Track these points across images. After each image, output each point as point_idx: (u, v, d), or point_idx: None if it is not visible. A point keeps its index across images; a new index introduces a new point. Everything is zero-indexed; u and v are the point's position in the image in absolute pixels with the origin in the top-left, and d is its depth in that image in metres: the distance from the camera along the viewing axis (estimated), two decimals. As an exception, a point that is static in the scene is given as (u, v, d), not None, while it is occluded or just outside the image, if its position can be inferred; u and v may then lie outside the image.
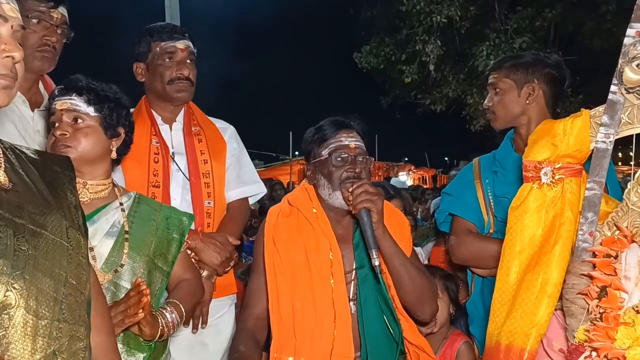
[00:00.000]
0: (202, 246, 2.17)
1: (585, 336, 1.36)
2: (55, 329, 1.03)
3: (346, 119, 2.02)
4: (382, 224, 1.84)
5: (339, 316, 1.81)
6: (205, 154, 2.35)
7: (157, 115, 2.37)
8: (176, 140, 2.36)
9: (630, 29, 1.49)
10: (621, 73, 1.47)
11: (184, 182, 2.31)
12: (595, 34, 10.50)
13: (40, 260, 1.04)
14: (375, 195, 1.82)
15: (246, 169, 2.52)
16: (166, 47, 2.29)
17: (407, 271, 1.87)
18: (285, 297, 1.86)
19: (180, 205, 2.23)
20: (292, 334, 1.83)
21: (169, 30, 2.32)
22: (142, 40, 2.34)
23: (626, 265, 1.38)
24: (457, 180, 2.45)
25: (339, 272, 1.86)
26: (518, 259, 1.54)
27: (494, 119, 2.27)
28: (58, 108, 1.79)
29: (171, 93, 2.31)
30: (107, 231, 1.78)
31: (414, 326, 1.94)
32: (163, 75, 2.29)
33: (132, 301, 1.61)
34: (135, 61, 2.37)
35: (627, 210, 1.49)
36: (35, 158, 1.19)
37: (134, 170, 2.22)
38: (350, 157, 1.92)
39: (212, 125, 2.46)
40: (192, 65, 2.34)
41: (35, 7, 2.08)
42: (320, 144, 1.96)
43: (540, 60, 2.26)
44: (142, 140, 2.25)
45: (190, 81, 2.33)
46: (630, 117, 1.49)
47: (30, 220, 1.05)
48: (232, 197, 2.43)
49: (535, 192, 1.55)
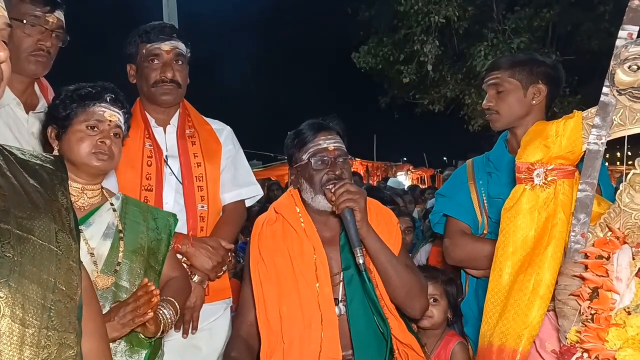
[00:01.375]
0: (193, 251, 2.16)
1: (576, 337, 1.36)
2: (43, 337, 1.00)
3: (324, 120, 2.03)
4: (365, 222, 1.85)
5: (326, 318, 1.83)
6: (198, 157, 2.33)
7: (151, 117, 2.35)
8: (170, 143, 2.34)
9: (622, 31, 1.49)
10: (613, 75, 1.48)
11: (177, 186, 2.29)
12: (592, 34, 10.52)
13: (27, 267, 1.00)
14: (357, 194, 1.84)
15: (242, 171, 2.49)
16: (151, 49, 2.26)
17: (394, 268, 1.87)
18: (272, 303, 1.88)
19: (173, 209, 2.22)
20: (280, 338, 1.84)
21: (157, 31, 2.28)
22: (131, 41, 2.32)
23: (618, 266, 1.38)
24: (450, 181, 2.45)
25: (324, 274, 1.87)
26: (511, 260, 1.54)
27: (496, 119, 2.24)
28: (107, 118, 1.81)
29: (156, 96, 2.29)
30: (103, 232, 1.80)
31: (403, 325, 1.95)
32: (148, 78, 2.27)
33: (141, 301, 1.65)
34: (127, 62, 2.36)
35: (619, 212, 1.49)
36: (25, 159, 1.16)
37: (127, 174, 2.21)
38: (330, 159, 1.93)
39: (208, 127, 2.44)
40: (179, 66, 2.30)
41: (31, 12, 2.07)
42: (300, 148, 1.97)
43: (542, 61, 2.27)
44: (135, 143, 2.25)
45: (176, 83, 2.29)
46: (622, 118, 1.49)
47: (16, 225, 1.02)
48: (227, 200, 2.41)
49: (528, 194, 1.56)
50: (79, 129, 1.79)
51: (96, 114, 1.80)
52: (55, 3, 2.13)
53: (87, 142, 1.78)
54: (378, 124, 19.41)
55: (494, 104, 2.23)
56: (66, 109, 1.80)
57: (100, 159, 1.78)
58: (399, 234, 2.05)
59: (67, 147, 1.79)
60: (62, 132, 1.81)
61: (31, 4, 2.07)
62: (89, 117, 1.79)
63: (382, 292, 1.92)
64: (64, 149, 1.80)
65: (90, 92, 1.82)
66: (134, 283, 1.78)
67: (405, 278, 1.89)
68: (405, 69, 11.76)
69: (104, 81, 1.89)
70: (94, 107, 1.80)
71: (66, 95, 1.84)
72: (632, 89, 1.45)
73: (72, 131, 1.79)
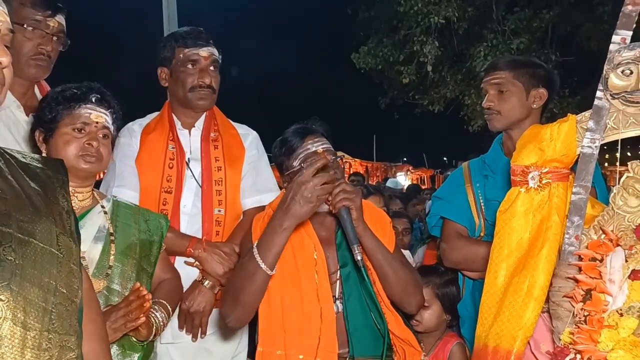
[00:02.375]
0: (205, 255, 2.16)
1: (570, 339, 1.38)
2: (44, 339, 1.00)
3: (307, 124, 2.05)
4: (362, 220, 1.87)
5: (325, 313, 1.85)
6: (219, 161, 2.32)
7: (178, 120, 2.36)
8: (194, 145, 2.34)
9: (616, 36, 1.51)
10: (606, 79, 1.50)
11: (196, 189, 2.29)
12: (592, 35, 10.52)
13: (28, 270, 1.01)
14: (353, 193, 1.86)
15: (264, 177, 2.45)
16: (189, 54, 2.28)
17: (390, 265, 1.90)
18: (275, 291, 1.88)
19: (190, 212, 2.24)
20: (281, 327, 1.86)
21: (194, 37, 2.30)
22: (166, 45, 2.33)
23: (611, 268, 1.40)
24: (447, 184, 2.46)
25: (323, 271, 1.89)
26: (506, 262, 1.56)
27: (497, 120, 2.24)
28: (94, 119, 1.78)
29: (192, 100, 2.30)
30: (94, 236, 1.78)
31: (400, 320, 1.97)
32: (185, 83, 2.28)
33: (133, 306, 1.63)
34: (160, 65, 2.36)
35: (612, 214, 1.51)
36: (26, 163, 1.17)
37: (148, 175, 2.23)
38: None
39: (233, 131, 2.43)
40: (214, 72, 2.33)
41: (32, 16, 2.07)
42: (289, 155, 1.97)
43: (541, 65, 2.29)
44: (159, 145, 2.27)
45: (212, 89, 2.32)
46: (615, 122, 1.51)
47: (17, 228, 1.02)
48: (248, 205, 2.38)
49: (522, 196, 1.58)
50: (65, 132, 1.76)
51: (82, 116, 1.77)
52: (56, 7, 2.13)
53: (74, 144, 1.75)
54: (378, 125, 19.44)
55: (495, 104, 2.23)
56: (52, 111, 1.78)
57: (88, 161, 1.76)
58: (392, 232, 2.07)
59: (54, 150, 1.76)
60: (49, 136, 1.79)
61: (32, 8, 2.07)
62: (75, 120, 1.77)
63: (379, 289, 1.94)
64: (52, 152, 1.77)
65: (75, 94, 1.79)
66: (126, 286, 1.77)
67: (401, 274, 1.91)
68: (405, 70, 11.74)
69: (94, 81, 1.86)
70: (80, 109, 1.77)
71: (52, 97, 1.81)
72: (625, 93, 1.48)
73: (59, 134, 1.77)
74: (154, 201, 2.21)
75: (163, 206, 2.22)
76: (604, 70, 1.50)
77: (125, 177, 2.23)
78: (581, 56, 10.78)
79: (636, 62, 1.45)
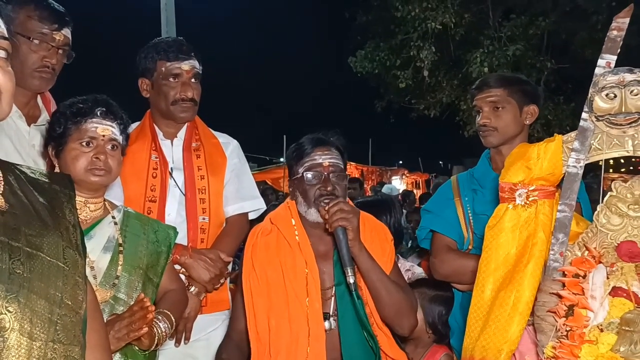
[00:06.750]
0: (191, 262, 2.20)
1: (552, 353, 1.43)
2: (49, 350, 1.03)
3: (325, 135, 2.05)
4: (358, 241, 1.87)
5: (313, 333, 1.85)
6: (202, 170, 2.36)
7: (159, 130, 2.40)
8: (176, 155, 2.38)
9: (601, 60, 1.57)
10: (591, 102, 1.55)
11: (180, 198, 2.33)
12: (586, 44, 10.59)
13: (35, 283, 1.04)
14: (351, 213, 1.85)
15: (246, 184, 2.51)
16: (171, 68, 2.31)
17: (385, 287, 1.90)
18: (262, 315, 1.91)
19: (175, 220, 2.27)
20: (267, 350, 1.88)
21: (175, 50, 2.32)
22: (147, 57, 2.35)
23: (593, 285, 1.45)
24: (436, 197, 2.50)
25: (315, 289, 1.90)
26: (493, 276, 1.61)
27: (493, 136, 2.28)
28: (100, 133, 1.82)
29: (175, 113, 2.34)
30: (103, 246, 1.83)
31: (393, 340, 1.98)
32: (167, 96, 2.32)
33: (137, 316, 1.67)
34: (141, 76, 2.39)
35: (596, 232, 1.56)
36: (34, 178, 1.20)
37: (132, 185, 2.27)
38: (323, 175, 1.94)
39: (214, 140, 2.47)
40: (196, 84, 2.36)
41: (39, 29, 2.08)
42: (298, 161, 1.99)
43: (529, 82, 2.37)
44: (142, 155, 2.30)
45: (194, 101, 2.35)
46: (599, 143, 1.56)
47: (26, 242, 1.06)
48: (230, 212, 2.43)
49: (510, 213, 1.63)
50: (74, 147, 1.81)
51: (89, 131, 1.81)
52: (63, 21, 2.14)
53: (82, 159, 1.80)
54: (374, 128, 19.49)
55: (491, 121, 2.28)
56: (60, 127, 1.83)
57: (96, 174, 1.80)
58: (392, 251, 2.07)
59: (64, 164, 1.82)
60: (59, 150, 1.85)
61: (39, 21, 2.08)
62: (82, 135, 1.81)
63: (372, 309, 1.94)
64: (62, 166, 1.83)
65: (82, 109, 1.83)
66: (132, 296, 1.81)
67: (396, 297, 1.91)
68: (401, 74, 11.81)
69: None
70: (86, 123, 1.82)
71: (61, 113, 1.87)
72: (609, 115, 1.53)
73: (68, 149, 1.82)
74: (138, 210, 2.20)
75: (148, 215, 2.24)
76: (589, 93, 1.56)
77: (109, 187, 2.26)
78: (576, 64, 10.84)
79: (620, 86, 1.51)
